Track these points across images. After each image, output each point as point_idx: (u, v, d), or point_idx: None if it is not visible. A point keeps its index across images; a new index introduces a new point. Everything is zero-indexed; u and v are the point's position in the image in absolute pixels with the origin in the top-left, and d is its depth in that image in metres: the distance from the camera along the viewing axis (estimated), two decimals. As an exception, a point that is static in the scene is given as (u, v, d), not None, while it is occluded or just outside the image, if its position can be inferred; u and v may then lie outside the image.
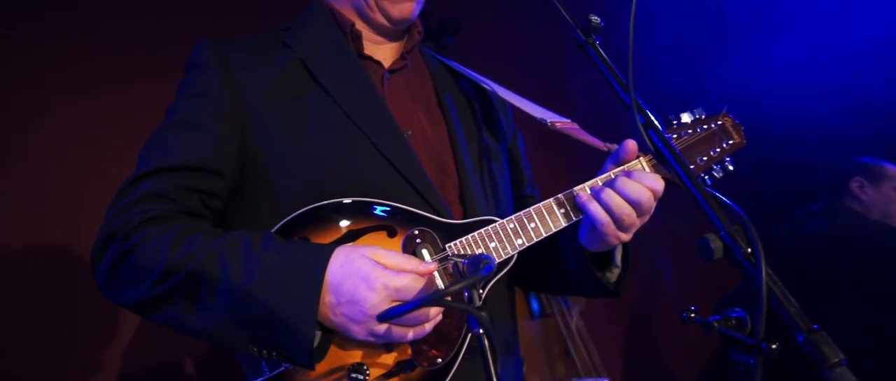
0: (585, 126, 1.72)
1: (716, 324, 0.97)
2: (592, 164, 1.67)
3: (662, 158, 1.11)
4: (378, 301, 1.27)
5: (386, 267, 1.30)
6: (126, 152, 2.45)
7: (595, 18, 1.26)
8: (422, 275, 1.32)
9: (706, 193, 1.05)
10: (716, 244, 0.99)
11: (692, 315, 1.02)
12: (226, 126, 1.49)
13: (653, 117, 1.16)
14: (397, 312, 1.02)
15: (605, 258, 1.67)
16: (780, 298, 0.92)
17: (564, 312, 3.44)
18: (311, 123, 1.52)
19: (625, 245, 1.66)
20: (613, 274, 1.69)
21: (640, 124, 1.12)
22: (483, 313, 0.98)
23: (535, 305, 3.47)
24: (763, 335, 0.90)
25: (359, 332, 1.30)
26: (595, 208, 1.48)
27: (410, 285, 1.30)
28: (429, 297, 0.97)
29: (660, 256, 4.47)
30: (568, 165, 3.72)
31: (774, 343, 0.89)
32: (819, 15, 4.53)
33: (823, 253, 3.23)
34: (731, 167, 1.69)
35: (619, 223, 1.47)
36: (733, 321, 0.97)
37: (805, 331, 0.89)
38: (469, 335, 1.46)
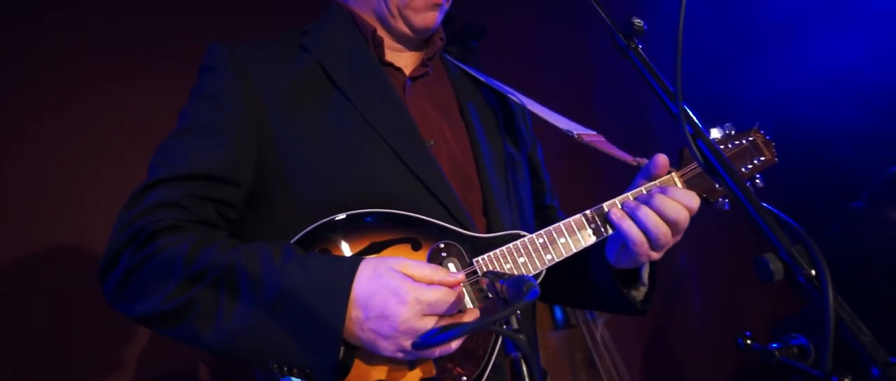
0: (611, 131, 1.66)
1: (777, 352, 0.89)
2: (612, 168, 1.60)
3: (714, 171, 1.04)
4: (410, 316, 1.21)
5: (415, 279, 1.24)
6: (128, 152, 2.45)
7: (638, 21, 1.19)
8: (451, 287, 1.26)
9: (762, 209, 0.97)
10: (775, 265, 0.92)
11: (748, 342, 0.94)
12: (242, 131, 1.43)
13: (701, 128, 1.09)
14: (440, 340, 0.95)
15: (632, 275, 1.61)
16: (849, 326, 0.84)
17: (589, 322, 3.38)
18: (330, 129, 1.47)
19: (651, 263, 1.60)
20: (640, 292, 1.63)
21: (689, 135, 1.05)
22: (521, 336, 0.92)
23: (559, 315, 3.41)
24: (831, 366, 0.83)
25: (387, 348, 1.24)
26: (629, 227, 1.42)
27: (442, 298, 1.24)
28: (475, 324, 0.90)
29: (686, 267, 4.39)
30: (592, 174, 3.66)
31: (847, 377, 0.81)
32: (857, 16, 4.42)
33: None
34: (760, 184, 1.63)
35: (654, 243, 1.41)
36: (795, 350, 0.89)
37: (881, 364, 0.81)
38: (495, 353, 1.40)
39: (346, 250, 1.36)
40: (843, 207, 3.67)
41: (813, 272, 0.89)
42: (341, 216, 1.37)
